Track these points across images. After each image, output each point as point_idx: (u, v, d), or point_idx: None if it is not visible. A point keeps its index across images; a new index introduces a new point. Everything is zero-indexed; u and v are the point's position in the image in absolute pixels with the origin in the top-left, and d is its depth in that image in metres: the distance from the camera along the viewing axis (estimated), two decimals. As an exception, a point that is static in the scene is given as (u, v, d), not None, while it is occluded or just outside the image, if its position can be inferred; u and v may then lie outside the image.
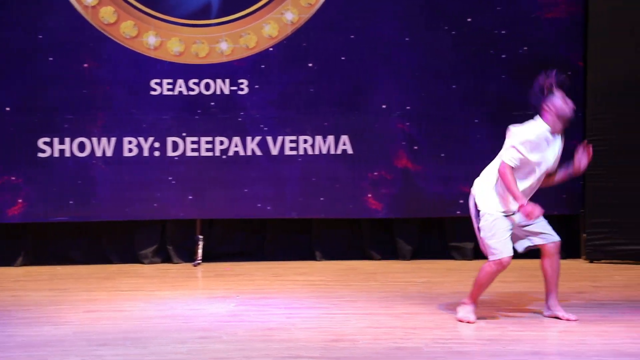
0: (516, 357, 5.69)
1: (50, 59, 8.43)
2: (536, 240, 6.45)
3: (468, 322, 6.42)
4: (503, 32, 8.55)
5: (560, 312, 6.52)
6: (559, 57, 8.56)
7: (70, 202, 8.49)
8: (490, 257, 6.36)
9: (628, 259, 8.56)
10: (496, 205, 6.34)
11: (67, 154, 8.49)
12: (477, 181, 6.50)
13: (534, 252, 6.60)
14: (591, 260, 8.64)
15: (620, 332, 6.21)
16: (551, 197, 7.97)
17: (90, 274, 8.25)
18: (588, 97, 8.55)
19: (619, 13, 8.44)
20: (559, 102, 6.25)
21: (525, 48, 8.57)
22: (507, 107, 8.59)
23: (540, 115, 6.31)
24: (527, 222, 6.36)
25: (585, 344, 5.94)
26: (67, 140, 8.48)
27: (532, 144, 6.22)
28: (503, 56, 8.56)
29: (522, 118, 8.53)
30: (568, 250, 8.68)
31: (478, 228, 6.37)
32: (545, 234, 6.43)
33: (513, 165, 6.18)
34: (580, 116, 8.61)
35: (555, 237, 6.46)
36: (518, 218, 6.35)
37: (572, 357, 5.68)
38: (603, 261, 8.61)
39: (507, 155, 6.20)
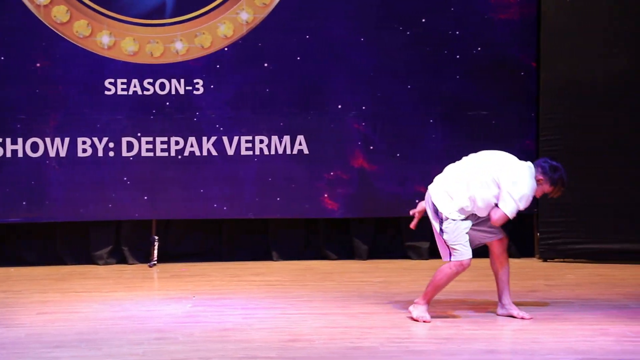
0: (471, 356, 5.72)
1: (2, 58, 8.34)
2: (484, 238, 6.54)
3: (424, 322, 6.45)
4: (457, 32, 8.60)
5: (515, 311, 6.59)
6: (513, 57, 8.64)
7: (24, 203, 8.40)
8: (452, 258, 6.41)
9: (580, 257, 8.66)
10: (458, 212, 6.41)
11: (20, 155, 8.39)
12: (436, 182, 6.54)
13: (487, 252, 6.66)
14: (544, 259, 8.73)
15: (573, 330, 6.28)
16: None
17: (45, 275, 8.17)
18: (541, 97, 8.63)
19: (571, 14, 8.53)
20: (553, 190, 6.46)
21: (479, 48, 8.63)
22: (462, 107, 8.66)
23: (536, 171, 6.43)
24: (477, 221, 6.47)
25: (539, 342, 6.00)
26: (20, 140, 8.39)
27: (529, 198, 6.40)
28: (457, 56, 8.62)
29: (476, 118, 8.68)
30: (522, 249, 8.78)
31: (441, 229, 6.41)
32: (493, 232, 6.52)
33: (511, 217, 6.39)
34: (533, 116, 8.70)
35: (501, 235, 6.55)
36: (471, 220, 6.47)
37: (526, 355, 5.74)
38: (556, 260, 8.70)
39: (509, 208, 6.34)
